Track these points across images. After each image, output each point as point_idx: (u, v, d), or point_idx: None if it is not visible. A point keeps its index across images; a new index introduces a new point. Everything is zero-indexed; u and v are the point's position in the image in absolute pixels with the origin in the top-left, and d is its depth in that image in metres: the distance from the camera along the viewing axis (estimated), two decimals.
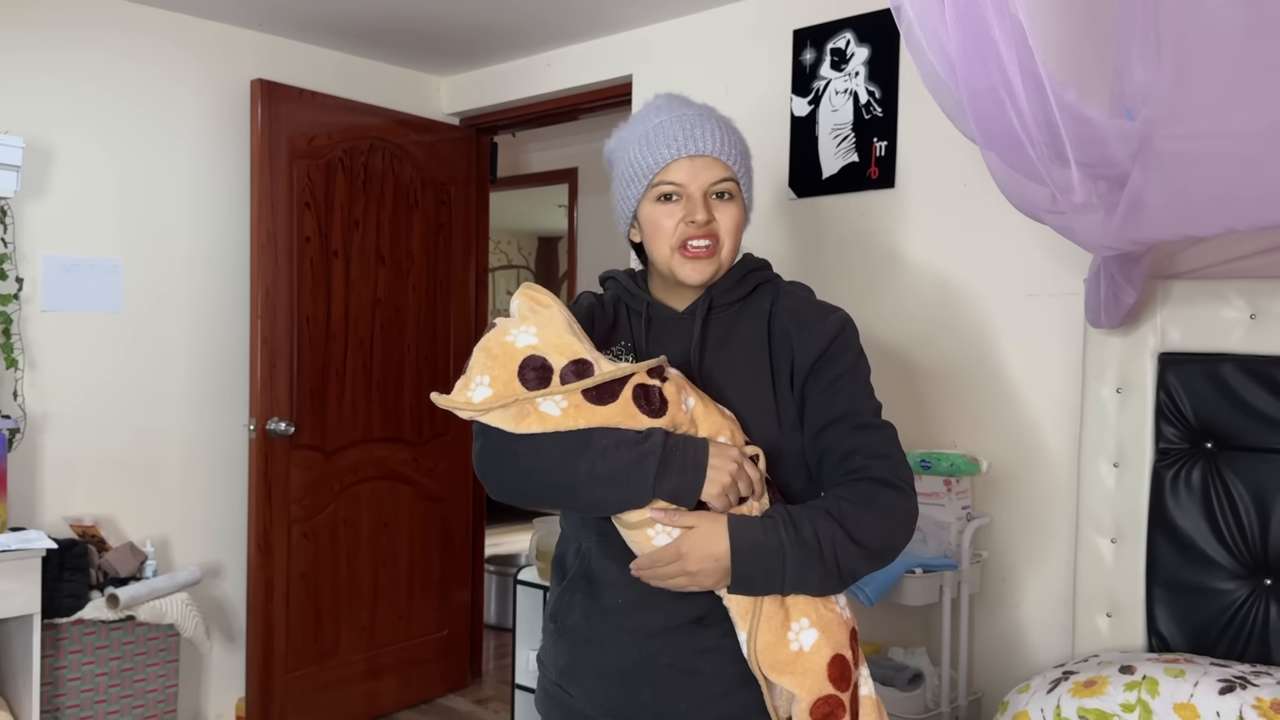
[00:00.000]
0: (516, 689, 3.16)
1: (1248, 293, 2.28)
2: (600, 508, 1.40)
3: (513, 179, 5.98)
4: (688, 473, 1.35)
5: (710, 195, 1.49)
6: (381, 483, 3.94)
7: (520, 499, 1.45)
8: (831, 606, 1.41)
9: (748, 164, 1.55)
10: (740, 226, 1.52)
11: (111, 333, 3.41)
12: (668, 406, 1.36)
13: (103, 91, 3.37)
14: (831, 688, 1.37)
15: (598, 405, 1.34)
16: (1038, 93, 1.44)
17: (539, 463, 1.37)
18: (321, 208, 3.70)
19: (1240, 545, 2.25)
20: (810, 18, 3.09)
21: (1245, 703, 1.89)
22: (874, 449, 1.44)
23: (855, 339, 1.51)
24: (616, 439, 1.35)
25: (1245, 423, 2.26)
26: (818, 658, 1.37)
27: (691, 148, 1.48)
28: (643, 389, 1.36)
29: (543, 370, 1.34)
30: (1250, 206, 1.58)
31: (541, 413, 1.34)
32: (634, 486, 1.34)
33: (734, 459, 1.37)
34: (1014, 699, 2.20)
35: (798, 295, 1.56)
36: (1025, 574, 2.71)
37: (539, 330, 1.37)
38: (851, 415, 1.45)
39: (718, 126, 1.51)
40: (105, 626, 3.06)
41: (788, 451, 1.48)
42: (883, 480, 1.42)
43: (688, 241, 1.48)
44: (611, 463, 1.34)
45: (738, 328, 1.53)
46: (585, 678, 1.53)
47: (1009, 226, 2.64)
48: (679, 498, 1.35)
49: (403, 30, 3.68)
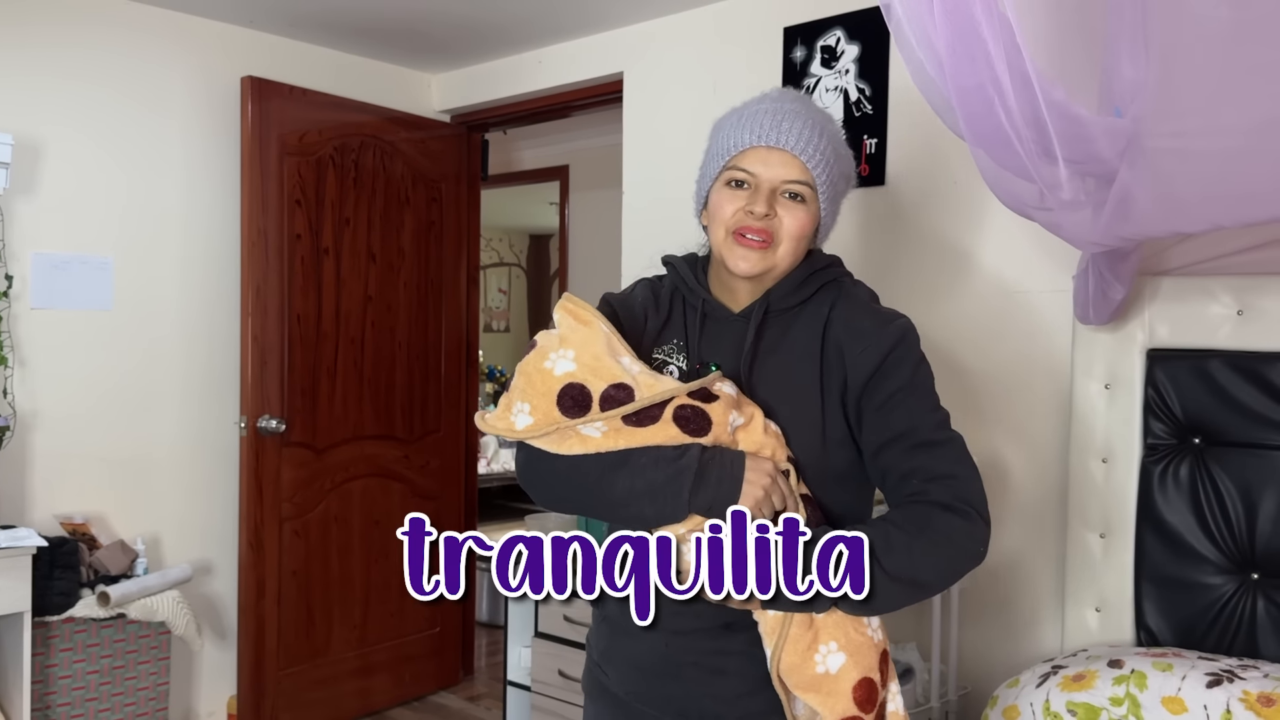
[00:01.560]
0: (508, 686, 3.16)
1: (1235, 289, 2.29)
2: (638, 522, 1.37)
3: (504, 176, 5.98)
4: (723, 486, 1.34)
5: (781, 192, 1.45)
6: (373, 480, 3.94)
7: (562, 510, 1.49)
8: (862, 629, 1.40)
9: (835, 173, 1.48)
10: (804, 232, 1.46)
11: (102, 330, 3.40)
12: (710, 427, 1.36)
13: (93, 88, 3.36)
14: (856, 709, 1.37)
15: (638, 428, 1.34)
16: (1026, 90, 1.44)
17: (579, 478, 1.39)
18: (312, 205, 3.70)
19: (1228, 540, 2.26)
20: (801, 15, 3.10)
21: (1232, 696, 1.91)
22: (933, 470, 1.38)
23: (914, 349, 1.44)
24: (655, 456, 1.35)
25: (1233, 418, 2.27)
26: (845, 681, 1.37)
27: (772, 139, 1.44)
28: (685, 409, 1.35)
29: (581, 397, 1.34)
30: (1237, 203, 1.59)
31: (583, 435, 1.35)
32: (670, 502, 1.34)
33: (769, 473, 1.36)
34: (1003, 693, 2.21)
35: (857, 302, 1.50)
36: (1015, 569, 2.72)
37: (577, 354, 1.37)
38: (909, 434, 1.39)
39: (809, 127, 1.45)
40: (96, 624, 3.06)
41: (830, 468, 1.44)
42: (942, 504, 1.35)
43: (743, 230, 1.44)
44: (649, 479, 1.34)
45: (792, 334, 1.48)
46: (619, 663, 1.56)
47: (998, 224, 2.65)
48: (714, 511, 1.32)
49: (394, 27, 3.67)
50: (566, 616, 2.89)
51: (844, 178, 1.51)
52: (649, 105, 3.54)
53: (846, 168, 1.51)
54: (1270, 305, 2.24)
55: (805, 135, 1.43)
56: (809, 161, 1.44)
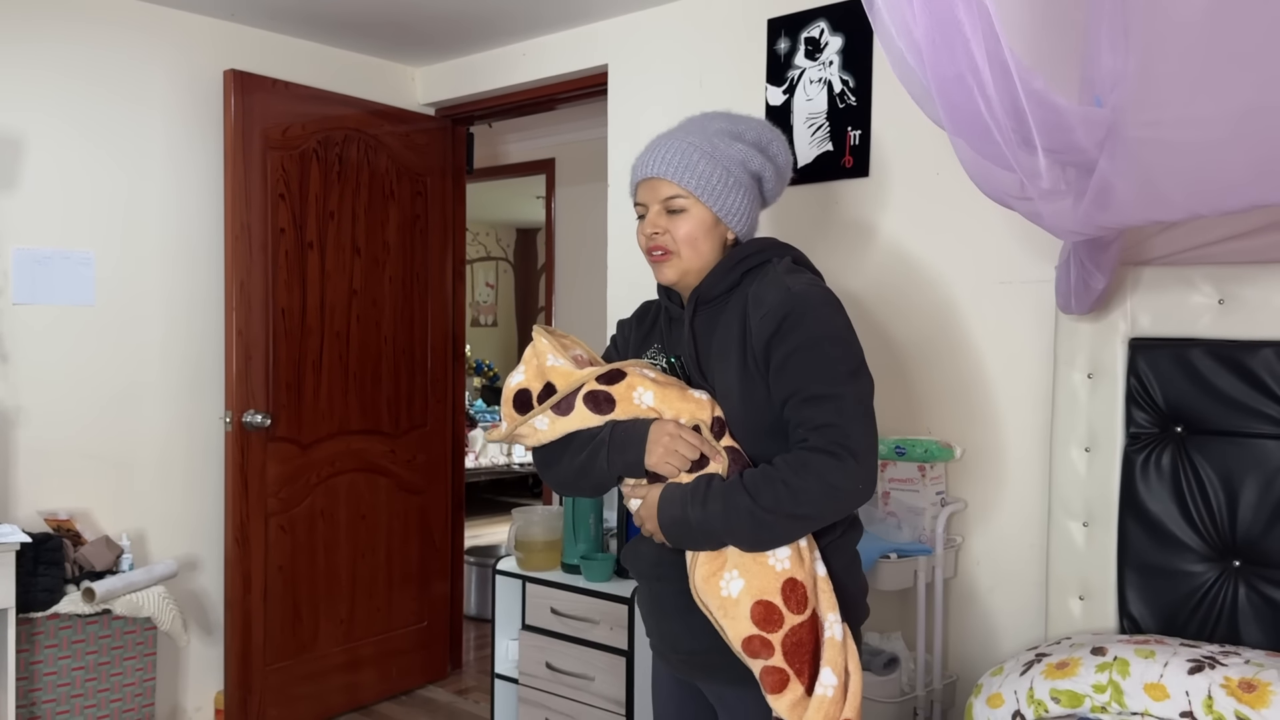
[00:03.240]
0: (496, 679, 3.16)
1: (1216, 279, 2.30)
2: (590, 491, 1.77)
3: (490, 170, 5.97)
4: (630, 450, 1.65)
5: (664, 210, 1.75)
6: (359, 475, 3.93)
7: (559, 491, 1.83)
8: (762, 559, 1.62)
9: (708, 172, 1.72)
10: (694, 234, 1.73)
11: (85, 325, 3.39)
12: (615, 404, 1.67)
13: (74, 83, 3.34)
14: (756, 628, 1.59)
15: (562, 416, 1.69)
16: (1005, 79, 1.45)
17: (553, 465, 1.75)
18: (296, 199, 3.69)
19: (1209, 528, 2.28)
20: (784, 7, 3.10)
21: (1214, 682, 1.92)
22: (816, 420, 1.59)
23: (811, 313, 1.63)
24: (585, 437, 1.69)
25: (1214, 407, 2.28)
26: (743, 604, 1.60)
27: (643, 171, 1.77)
28: (591, 395, 1.68)
29: (526, 399, 1.72)
30: (1216, 192, 1.60)
31: (538, 429, 1.72)
32: (597, 471, 1.68)
33: (668, 431, 1.63)
34: (988, 681, 2.22)
35: (768, 278, 1.71)
36: (999, 558, 2.73)
37: (525, 367, 1.75)
38: (800, 390, 1.61)
39: (671, 147, 1.74)
40: (81, 620, 3.05)
41: (760, 425, 1.67)
42: (818, 448, 1.58)
43: (650, 250, 1.77)
44: (580, 458, 1.69)
45: (722, 317, 1.74)
46: (642, 611, 1.89)
47: (981, 215, 2.66)
48: (631, 471, 1.67)
49: (377, 20, 3.66)
50: (554, 609, 2.90)
51: (727, 174, 1.74)
52: (634, 98, 3.53)
53: (732, 165, 1.74)
54: (1250, 294, 2.26)
55: (667, 157, 1.73)
56: (676, 177, 1.72)
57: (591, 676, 2.81)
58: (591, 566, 2.86)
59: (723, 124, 1.78)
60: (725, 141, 1.75)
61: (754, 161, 1.77)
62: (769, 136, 1.82)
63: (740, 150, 1.76)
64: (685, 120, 1.83)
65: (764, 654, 1.59)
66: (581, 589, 2.85)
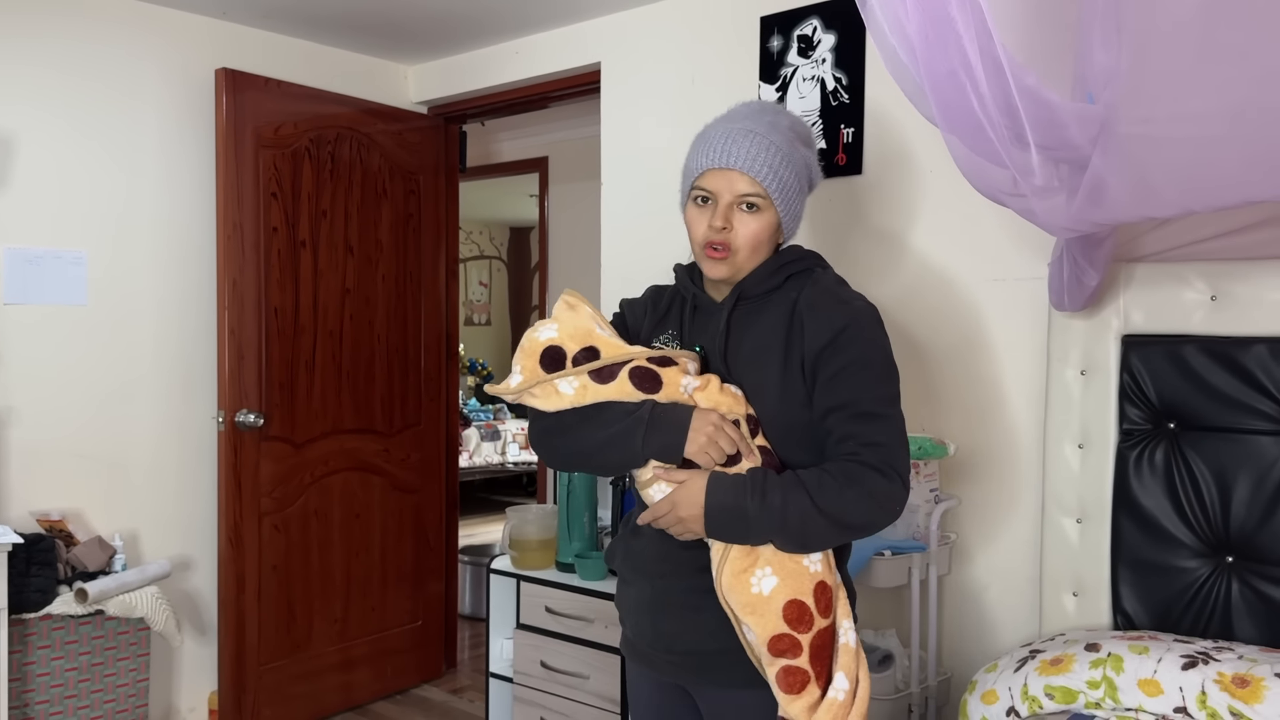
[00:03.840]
0: (491, 678, 3.16)
1: (1208, 275, 2.31)
2: (609, 469, 1.73)
3: (483, 168, 5.96)
4: (672, 434, 1.60)
5: (737, 205, 1.68)
6: (353, 474, 3.92)
7: (562, 466, 1.78)
8: (798, 560, 1.61)
9: (787, 177, 1.68)
10: (759, 236, 1.68)
11: (77, 325, 3.38)
12: (661, 385, 1.62)
13: (65, 81, 3.33)
14: (787, 627, 1.58)
15: (600, 384, 1.62)
16: (998, 76, 1.45)
17: (565, 434, 1.68)
18: (288, 198, 3.68)
19: (1202, 524, 2.28)
20: (777, 4, 3.10)
21: (1207, 677, 1.92)
22: (868, 437, 1.59)
23: (866, 329, 1.65)
24: (617, 410, 1.63)
25: (1207, 403, 2.29)
26: (775, 601, 1.58)
27: (724, 160, 1.67)
28: (640, 370, 1.63)
29: (558, 356, 1.64)
30: (1209, 188, 1.60)
31: (560, 392, 1.64)
32: (628, 449, 1.62)
33: (713, 422, 1.60)
34: (982, 678, 2.22)
35: (822, 286, 1.71)
36: (993, 555, 2.74)
37: (560, 326, 1.67)
38: (852, 404, 1.61)
39: (756, 142, 1.66)
40: (74, 621, 3.04)
41: (793, 425, 1.66)
42: (870, 465, 1.58)
43: (709, 244, 1.69)
44: (610, 430, 1.63)
45: (763, 316, 1.72)
46: (629, 610, 1.83)
47: (975, 212, 2.66)
48: (666, 455, 1.62)
49: (369, 18, 3.65)
50: (548, 608, 2.89)
51: (797, 178, 1.71)
52: (627, 96, 3.53)
53: (800, 169, 1.71)
54: (1243, 290, 2.26)
55: (753, 153, 1.66)
56: (757, 175, 1.66)
57: (586, 675, 2.81)
58: (586, 565, 2.86)
59: (789, 122, 1.73)
60: (795, 145, 1.71)
61: (813, 167, 1.76)
62: (814, 138, 1.81)
63: (805, 155, 1.73)
64: (750, 108, 1.75)
65: (791, 654, 1.58)
66: (576, 587, 2.85)
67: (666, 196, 3.40)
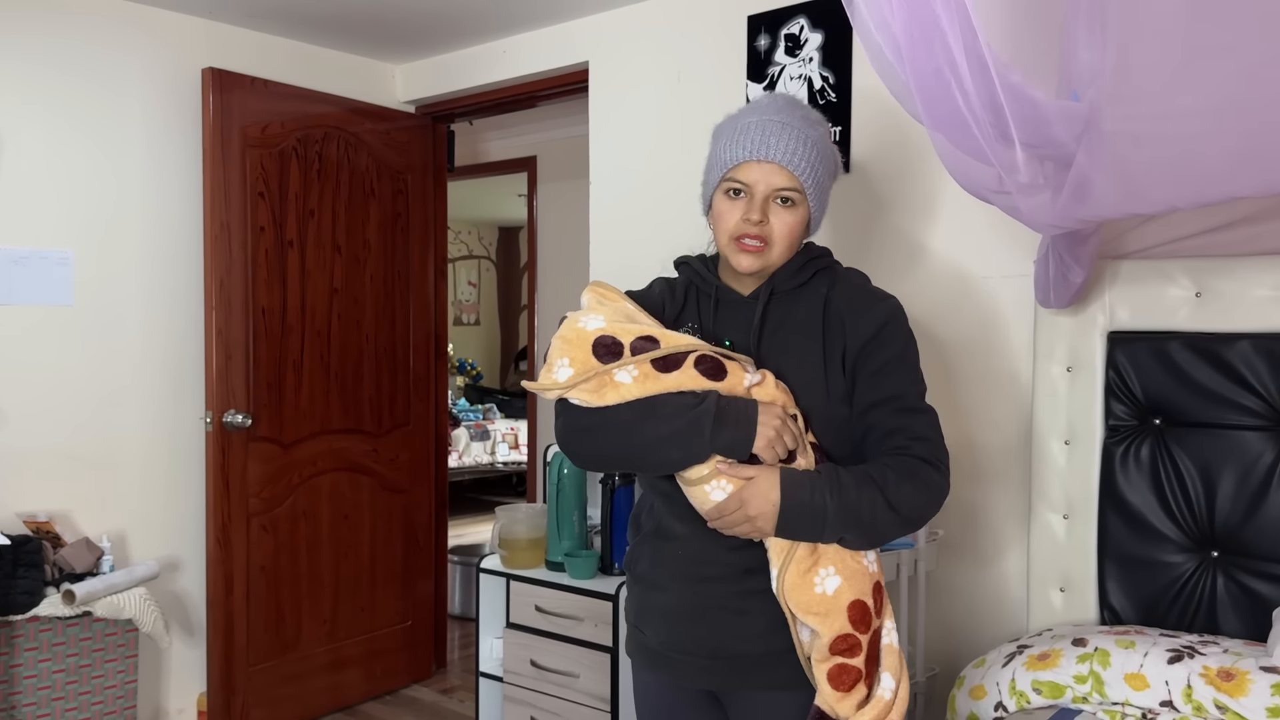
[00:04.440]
0: (481, 677, 3.16)
1: (1193, 272, 2.32)
2: (666, 466, 1.61)
3: (471, 168, 5.95)
4: (741, 427, 1.55)
5: (774, 199, 1.65)
6: (341, 474, 3.92)
7: (598, 466, 1.71)
8: (859, 559, 1.60)
9: (822, 173, 1.67)
10: (795, 231, 1.66)
11: (63, 326, 3.36)
12: (726, 375, 1.57)
13: (51, 80, 3.31)
14: (851, 628, 1.56)
15: (664, 373, 1.55)
16: (982, 74, 1.46)
17: (611, 432, 1.59)
18: (275, 197, 3.67)
19: (1188, 519, 2.30)
20: (764, 3, 3.11)
21: (1193, 671, 1.94)
22: (916, 430, 1.61)
23: (904, 324, 1.67)
24: (678, 403, 1.56)
25: (1192, 399, 2.30)
26: (841, 600, 1.56)
27: (763, 153, 1.63)
28: (705, 358, 1.57)
29: (614, 345, 1.56)
30: (1192, 185, 1.61)
31: (617, 383, 1.55)
32: (694, 443, 1.55)
33: (779, 416, 1.57)
34: (970, 673, 2.23)
35: (853, 282, 1.73)
36: (980, 551, 2.75)
37: (606, 316, 1.60)
38: (898, 398, 1.62)
39: (794, 138, 1.63)
40: (62, 623, 3.03)
41: (831, 419, 1.64)
42: (923, 458, 1.59)
43: (743, 236, 1.65)
44: (673, 425, 1.55)
45: (795, 310, 1.70)
46: (652, 617, 1.76)
47: (961, 209, 2.67)
48: (734, 450, 1.56)
49: (356, 18, 3.65)
50: (538, 607, 2.89)
51: (829, 175, 1.70)
52: (614, 95, 3.53)
53: (831, 165, 1.70)
54: (1227, 287, 2.27)
55: (791, 146, 1.62)
56: (796, 170, 1.63)
57: (576, 674, 2.81)
58: (575, 564, 2.86)
59: (818, 116, 1.71)
60: (826, 140, 1.69)
61: (840, 165, 1.77)
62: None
63: (833, 153, 1.72)
64: (780, 101, 1.70)
65: (851, 654, 1.57)
66: (566, 586, 2.85)
67: (655, 195, 3.40)
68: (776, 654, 1.64)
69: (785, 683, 1.64)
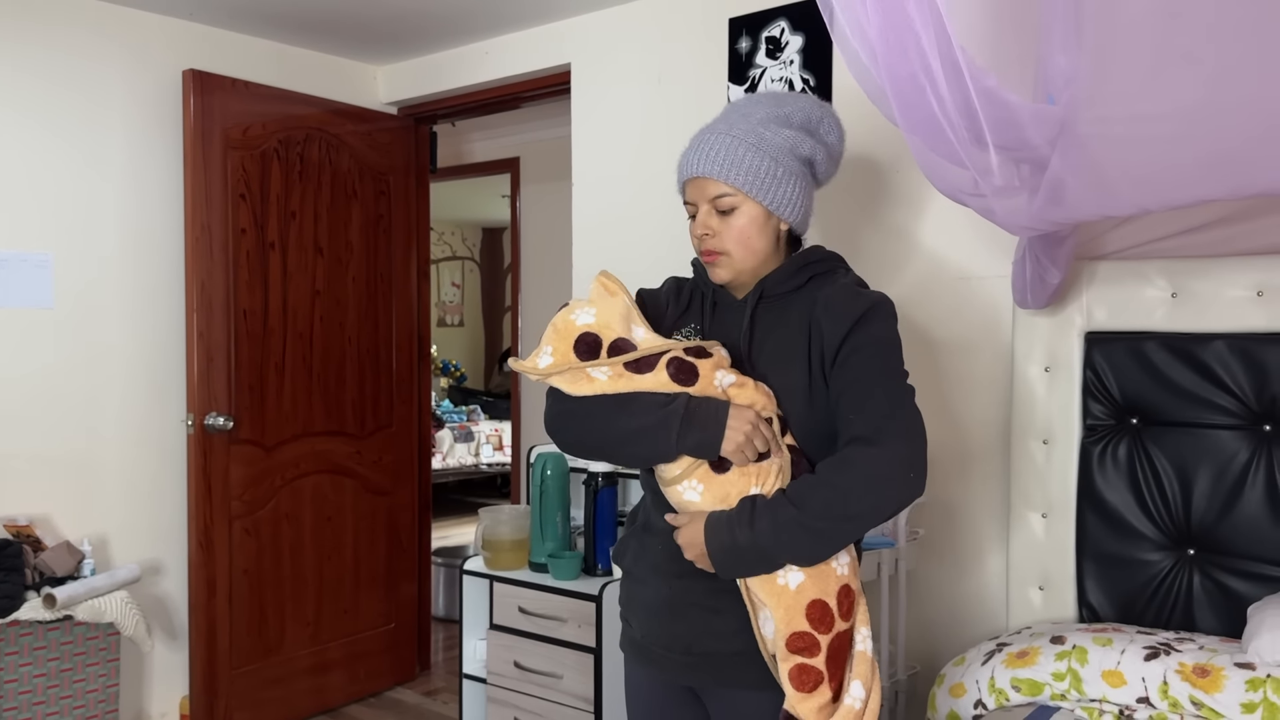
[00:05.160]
0: (465, 679, 3.16)
1: (1169, 272, 2.34)
2: (636, 460, 1.66)
3: (454, 169, 5.95)
4: (709, 429, 1.56)
5: (714, 210, 1.67)
6: (324, 476, 3.91)
7: (579, 452, 1.71)
8: (826, 561, 1.59)
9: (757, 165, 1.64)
10: (747, 233, 1.66)
11: (43, 328, 3.35)
12: (698, 378, 1.59)
13: (30, 82, 3.30)
14: (808, 625, 1.56)
15: (636, 374, 1.59)
16: (956, 78, 1.47)
17: (589, 421, 1.63)
18: (257, 199, 3.66)
19: (1165, 517, 2.32)
20: (745, 6, 3.12)
21: (1169, 668, 1.96)
22: (861, 407, 1.58)
23: (879, 318, 1.63)
24: (649, 401, 1.59)
25: (1168, 399, 2.33)
26: (801, 596, 1.57)
27: (688, 170, 1.69)
28: (677, 361, 1.60)
29: (594, 344, 1.60)
30: (1165, 187, 1.63)
31: (592, 378, 1.60)
32: (660, 442, 1.58)
33: (750, 420, 1.56)
34: (950, 672, 2.25)
35: (840, 285, 1.69)
36: (960, 550, 2.77)
37: (598, 312, 1.63)
38: (855, 382, 1.59)
39: (717, 142, 1.65)
40: (42, 627, 3.01)
41: (817, 426, 1.63)
42: (859, 437, 1.56)
43: (704, 251, 1.71)
44: (641, 421, 1.58)
45: (785, 316, 1.69)
46: (637, 609, 1.79)
47: (939, 211, 2.69)
48: (701, 451, 1.57)
49: (337, 19, 3.64)
50: (522, 608, 2.90)
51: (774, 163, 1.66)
52: (596, 96, 3.54)
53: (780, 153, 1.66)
54: (1202, 287, 2.30)
55: (710, 154, 1.65)
56: (720, 175, 1.64)
57: (560, 675, 2.81)
58: (559, 565, 2.86)
59: (768, 109, 1.69)
60: (772, 129, 1.66)
61: (803, 146, 1.69)
62: (818, 115, 1.73)
63: (788, 136, 1.67)
64: (728, 108, 1.74)
65: (808, 653, 1.57)
66: (549, 587, 2.85)
67: (638, 196, 3.41)
68: (748, 653, 1.64)
69: (757, 682, 1.64)
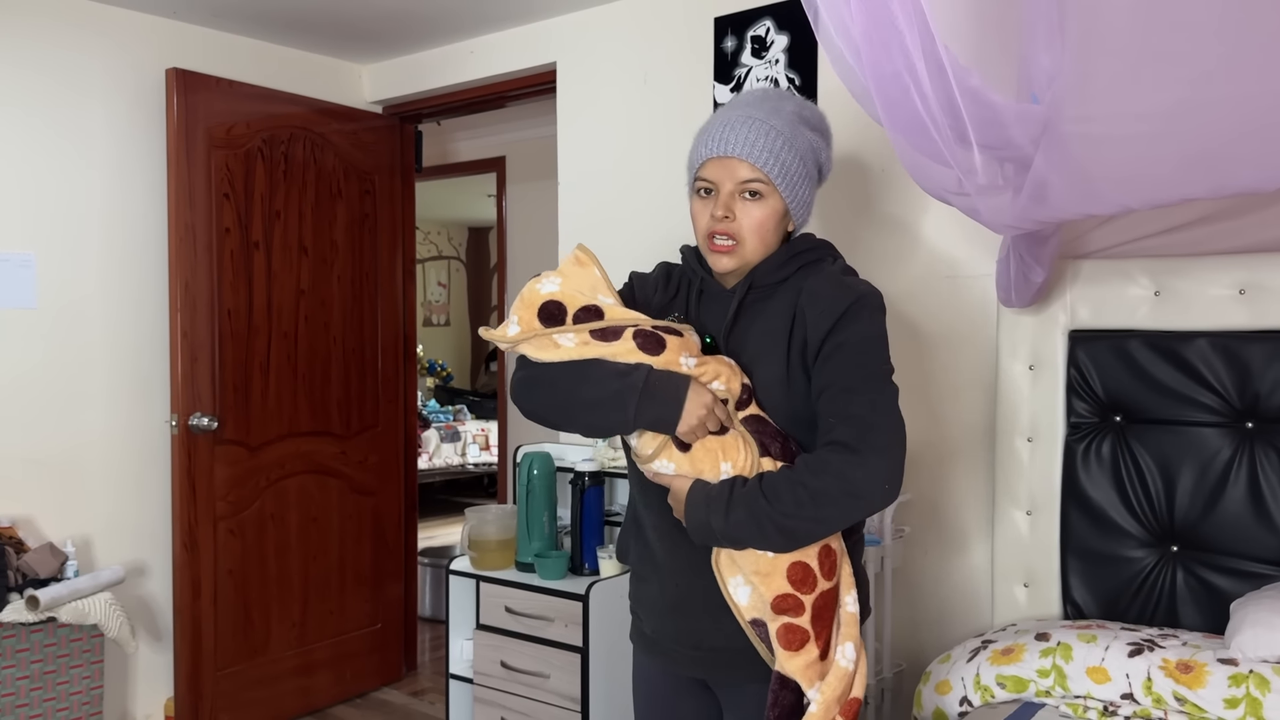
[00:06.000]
0: (451, 679, 3.15)
1: (1152, 271, 2.36)
2: (594, 430, 1.64)
3: (440, 168, 5.93)
4: (665, 407, 1.55)
5: (740, 193, 1.64)
6: (309, 477, 3.90)
7: (540, 418, 1.67)
8: None
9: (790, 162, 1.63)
10: (765, 225, 1.64)
11: (26, 329, 3.32)
12: (664, 350, 1.57)
13: (12, 81, 3.27)
14: (791, 587, 1.58)
15: (602, 342, 1.57)
16: (940, 77, 1.47)
17: (551, 389, 1.61)
18: (241, 198, 3.64)
19: (1148, 514, 2.33)
20: (731, 5, 3.12)
21: (1152, 664, 1.97)
22: (847, 411, 1.55)
23: (865, 312, 1.60)
24: (610, 369, 1.56)
25: (1151, 396, 2.34)
26: (780, 561, 1.58)
27: (722, 148, 1.63)
28: (644, 333, 1.58)
29: (558, 312, 1.60)
30: (1146, 186, 1.64)
31: (559, 344, 1.59)
32: (615, 413, 1.56)
33: (705, 404, 1.56)
34: (936, 669, 2.26)
35: (826, 273, 1.67)
36: (946, 548, 2.78)
37: (563, 282, 1.64)
38: (837, 382, 1.57)
39: (756, 128, 1.62)
40: (25, 629, 2.99)
41: (794, 414, 1.63)
42: (840, 442, 1.54)
43: (714, 234, 1.65)
44: (600, 391, 1.56)
45: (770, 306, 1.67)
46: (645, 606, 1.81)
47: (925, 210, 2.70)
48: (658, 426, 1.57)
49: (322, 17, 3.63)
50: (508, 608, 2.89)
51: (803, 164, 1.66)
52: (582, 95, 3.54)
53: (807, 155, 1.67)
54: (1185, 286, 2.31)
55: (752, 138, 1.61)
56: (758, 161, 1.61)
57: (547, 674, 2.81)
58: (545, 564, 2.86)
59: (794, 106, 1.68)
60: (800, 128, 1.66)
61: (822, 152, 1.71)
62: (827, 125, 1.74)
63: (811, 139, 1.68)
64: (753, 95, 1.71)
65: (793, 613, 1.58)
66: (535, 587, 2.85)
67: (624, 195, 3.41)
68: (750, 648, 1.64)
69: (766, 674, 1.64)
